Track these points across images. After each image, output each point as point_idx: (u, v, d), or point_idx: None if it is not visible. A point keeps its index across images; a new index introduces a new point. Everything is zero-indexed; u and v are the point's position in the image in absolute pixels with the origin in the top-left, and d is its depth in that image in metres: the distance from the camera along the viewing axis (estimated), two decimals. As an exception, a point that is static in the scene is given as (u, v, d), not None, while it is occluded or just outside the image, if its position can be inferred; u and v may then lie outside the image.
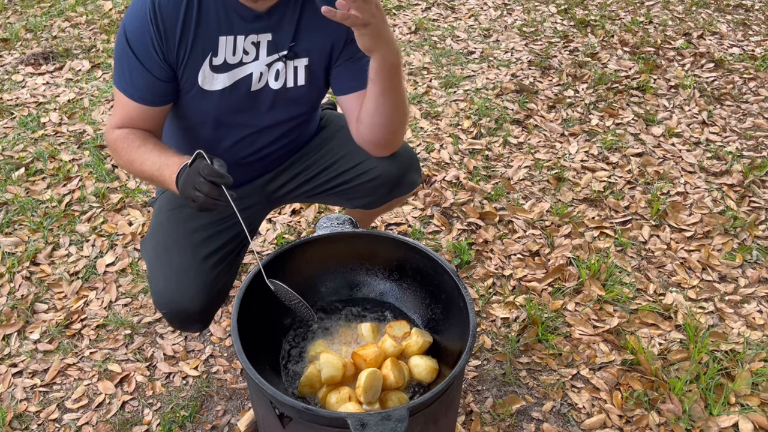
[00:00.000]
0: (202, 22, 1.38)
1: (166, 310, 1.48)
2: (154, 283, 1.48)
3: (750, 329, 2.03)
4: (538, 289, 2.16)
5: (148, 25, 1.35)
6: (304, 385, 1.31)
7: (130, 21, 1.37)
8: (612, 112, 3.05)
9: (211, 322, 1.59)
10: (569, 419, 1.79)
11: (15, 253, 2.31)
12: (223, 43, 1.41)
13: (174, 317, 1.50)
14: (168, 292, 1.46)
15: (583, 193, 2.58)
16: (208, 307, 1.50)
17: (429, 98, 3.16)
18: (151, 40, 1.36)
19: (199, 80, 1.43)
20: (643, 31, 3.75)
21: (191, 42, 1.38)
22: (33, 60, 3.45)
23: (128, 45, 1.38)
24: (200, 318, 1.51)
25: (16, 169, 2.68)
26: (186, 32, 1.37)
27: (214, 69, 1.43)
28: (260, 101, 1.51)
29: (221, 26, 1.40)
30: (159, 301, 1.48)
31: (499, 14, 3.96)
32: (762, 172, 2.67)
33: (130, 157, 1.43)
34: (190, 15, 1.37)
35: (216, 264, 1.50)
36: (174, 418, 1.79)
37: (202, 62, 1.41)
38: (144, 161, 1.40)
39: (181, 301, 1.45)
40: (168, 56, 1.39)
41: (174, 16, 1.36)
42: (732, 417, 1.77)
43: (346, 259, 1.52)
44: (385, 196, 1.69)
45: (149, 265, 1.53)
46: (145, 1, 1.35)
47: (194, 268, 1.47)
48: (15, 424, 1.79)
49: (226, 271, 1.53)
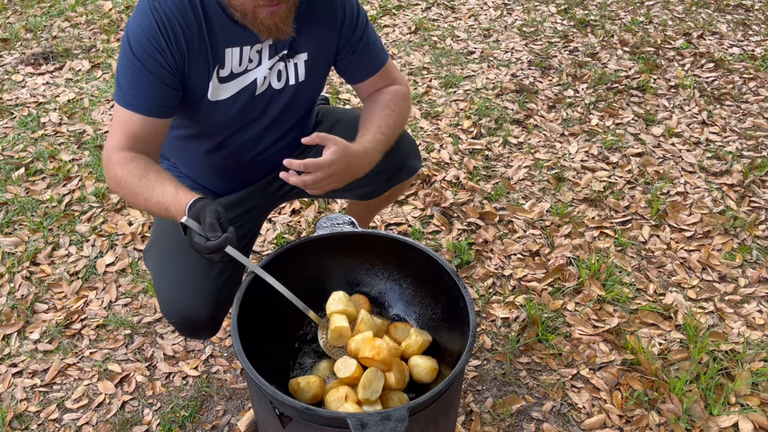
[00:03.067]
0: (208, 35, 1.37)
1: (175, 320, 1.48)
2: (161, 293, 1.48)
3: (750, 329, 2.03)
4: (538, 289, 2.16)
5: (156, 33, 1.32)
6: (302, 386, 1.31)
7: (135, 32, 1.34)
8: (612, 112, 3.05)
9: (220, 329, 1.58)
10: (569, 419, 1.79)
11: (15, 253, 2.31)
12: (229, 55, 1.40)
13: (183, 326, 1.50)
14: (175, 301, 1.45)
15: (583, 193, 2.58)
16: (217, 315, 1.49)
17: (429, 98, 3.16)
18: (159, 47, 1.33)
19: (209, 93, 1.42)
20: (643, 31, 3.75)
21: (199, 53, 1.37)
22: (33, 60, 3.45)
23: (134, 55, 1.34)
24: (209, 325, 1.51)
25: (16, 169, 2.68)
26: (193, 42, 1.36)
27: (222, 80, 1.42)
28: (264, 103, 1.51)
29: (227, 39, 1.39)
30: (167, 311, 1.47)
31: (499, 14, 3.96)
32: (762, 172, 2.67)
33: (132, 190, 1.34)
34: (197, 26, 1.35)
35: (222, 271, 1.49)
36: (174, 418, 1.79)
37: (210, 74, 1.40)
38: (148, 197, 1.32)
39: (189, 311, 1.45)
40: (177, 64, 1.36)
41: (180, 24, 1.33)
42: (732, 417, 1.77)
43: (346, 259, 1.52)
44: (385, 183, 1.70)
45: (154, 275, 1.52)
46: (149, 14, 1.32)
47: (200, 276, 1.46)
48: (15, 424, 1.79)
49: (231, 277, 1.52)
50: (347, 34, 1.53)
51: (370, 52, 1.59)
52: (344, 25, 1.52)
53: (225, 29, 1.38)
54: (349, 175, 1.42)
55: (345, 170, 1.39)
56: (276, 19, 1.33)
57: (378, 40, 1.61)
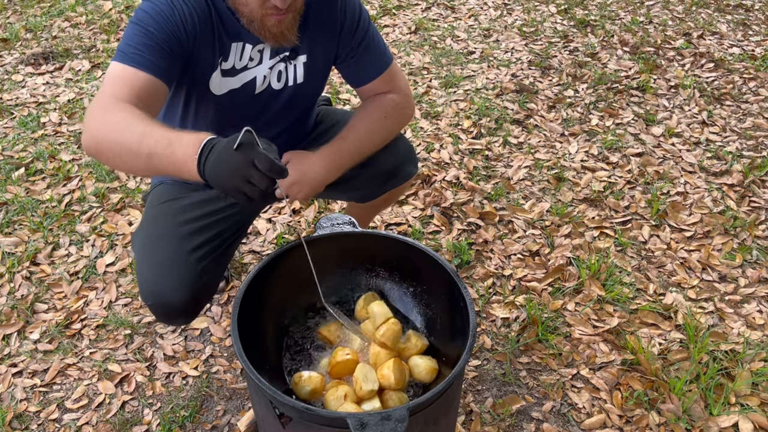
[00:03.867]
0: (217, 25, 1.39)
1: (150, 302, 1.47)
2: (140, 274, 1.48)
3: (750, 329, 2.03)
4: (538, 289, 2.16)
5: (170, 8, 1.31)
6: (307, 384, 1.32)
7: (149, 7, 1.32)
8: (612, 112, 3.05)
9: (197, 316, 1.57)
10: (569, 419, 1.79)
11: (15, 253, 2.31)
12: (233, 49, 1.42)
13: (157, 309, 1.49)
14: (152, 283, 1.45)
15: (583, 193, 2.58)
16: (193, 301, 1.48)
17: (429, 98, 3.16)
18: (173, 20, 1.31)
19: (210, 84, 1.44)
20: (643, 31, 3.75)
21: (208, 38, 1.38)
22: (33, 60, 3.45)
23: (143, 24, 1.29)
24: (184, 311, 1.49)
25: (16, 169, 2.68)
26: (205, 28, 1.37)
27: (224, 73, 1.44)
28: (263, 102, 1.52)
29: (233, 33, 1.41)
30: (144, 293, 1.47)
31: (499, 14, 3.96)
32: (762, 172, 2.67)
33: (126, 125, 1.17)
34: (211, 16, 1.37)
35: (202, 258, 1.49)
36: (174, 418, 1.79)
37: (216, 63, 1.42)
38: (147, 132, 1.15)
39: (164, 294, 1.44)
40: (187, 39, 1.34)
41: (195, 10, 1.34)
42: (732, 417, 1.77)
43: (346, 259, 1.52)
44: (380, 187, 1.72)
45: (137, 258, 1.52)
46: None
47: (179, 260, 1.46)
48: (15, 424, 1.79)
49: (212, 265, 1.52)
50: (347, 37, 1.54)
51: (372, 56, 1.59)
52: (344, 28, 1.52)
53: (232, 26, 1.40)
54: (311, 181, 1.49)
55: (302, 178, 1.48)
56: (282, 27, 1.36)
57: (381, 44, 1.61)
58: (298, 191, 1.49)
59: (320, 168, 1.50)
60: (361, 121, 1.58)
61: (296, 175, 1.47)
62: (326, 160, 1.51)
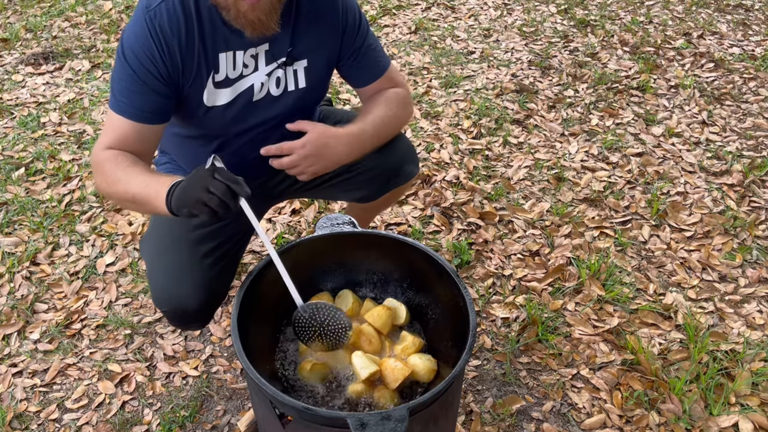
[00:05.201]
0: (202, 41, 1.37)
1: (165, 308, 1.49)
2: (153, 281, 1.49)
3: (750, 329, 2.03)
4: (538, 289, 2.16)
5: (149, 43, 1.32)
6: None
7: (130, 41, 1.34)
8: (612, 112, 3.05)
9: (211, 321, 1.58)
10: (569, 419, 1.79)
11: (15, 253, 2.31)
12: (223, 60, 1.40)
13: (173, 315, 1.50)
14: (167, 290, 1.46)
15: (583, 193, 2.58)
16: (207, 305, 1.50)
17: (429, 98, 3.16)
18: (152, 58, 1.33)
19: (204, 98, 1.42)
20: (643, 31, 3.75)
21: (193, 61, 1.37)
22: (33, 60, 3.45)
23: (128, 64, 1.34)
24: (199, 316, 1.51)
25: (16, 169, 2.68)
26: (187, 51, 1.35)
27: (217, 85, 1.42)
28: (263, 109, 1.51)
29: (220, 44, 1.39)
30: (158, 299, 1.48)
31: (499, 14, 3.96)
32: (762, 172, 2.67)
33: (115, 177, 1.35)
34: (191, 34, 1.35)
35: (215, 262, 1.50)
36: (174, 418, 1.79)
37: (206, 80, 1.40)
38: (130, 180, 1.33)
39: (179, 299, 1.45)
40: (170, 75, 1.36)
41: (174, 35, 1.33)
42: (732, 417, 1.77)
43: (345, 259, 1.52)
44: (381, 187, 1.72)
45: (148, 264, 1.53)
46: (144, 24, 1.32)
47: (193, 265, 1.47)
48: (15, 424, 1.79)
49: (225, 269, 1.54)
50: (349, 40, 1.53)
51: (372, 57, 1.59)
52: (346, 32, 1.52)
53: (218, 34, 1.37)
54: (328, 157, 1.47)
55: (321, 151, 1.46)
56: (258, 13, 1.30)
57: (379, 45, 1.62)
58: (310, 164, 1.46)
59: (344, 146, 1.49)
60: (378, 108, 1.57)
61: (314, 148, 1.45)
62: (350, 137, 1.50)
